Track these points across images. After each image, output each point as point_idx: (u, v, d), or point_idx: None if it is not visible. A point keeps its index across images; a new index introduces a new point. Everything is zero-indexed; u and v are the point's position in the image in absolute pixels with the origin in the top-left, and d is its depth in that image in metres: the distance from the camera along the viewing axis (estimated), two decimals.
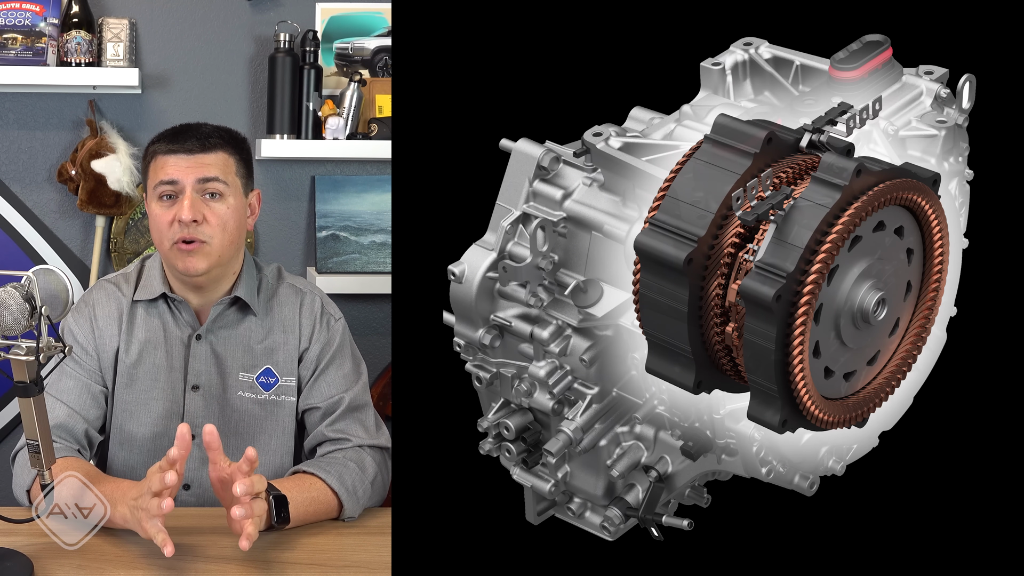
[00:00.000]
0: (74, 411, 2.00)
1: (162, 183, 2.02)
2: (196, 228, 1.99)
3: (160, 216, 2.02)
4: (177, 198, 2.01)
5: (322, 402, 2.05)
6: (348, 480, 1.93)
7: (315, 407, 2.06)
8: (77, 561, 1.73)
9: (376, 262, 2.94)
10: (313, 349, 2.07)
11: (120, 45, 2.80)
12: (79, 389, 2.02)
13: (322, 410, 2.05)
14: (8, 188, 2.89)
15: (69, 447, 1.97)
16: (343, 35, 2.94)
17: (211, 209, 2.01)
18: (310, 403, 2.06)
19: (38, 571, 1.69)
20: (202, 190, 2.01)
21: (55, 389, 2.00)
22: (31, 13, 2.78)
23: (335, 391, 2.06)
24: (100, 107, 2.87)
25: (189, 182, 2.00)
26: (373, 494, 1.98)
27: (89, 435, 2.02)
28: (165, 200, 2.02)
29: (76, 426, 2.00)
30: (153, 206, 2.04)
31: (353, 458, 1.98)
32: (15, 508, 1.80)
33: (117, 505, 1.78)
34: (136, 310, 2.07)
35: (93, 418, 2.03)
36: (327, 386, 2.06)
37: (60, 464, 1.86)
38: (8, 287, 1.58)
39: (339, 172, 2.97)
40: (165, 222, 2.01)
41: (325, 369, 2.07)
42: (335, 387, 2.06)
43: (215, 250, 2.01)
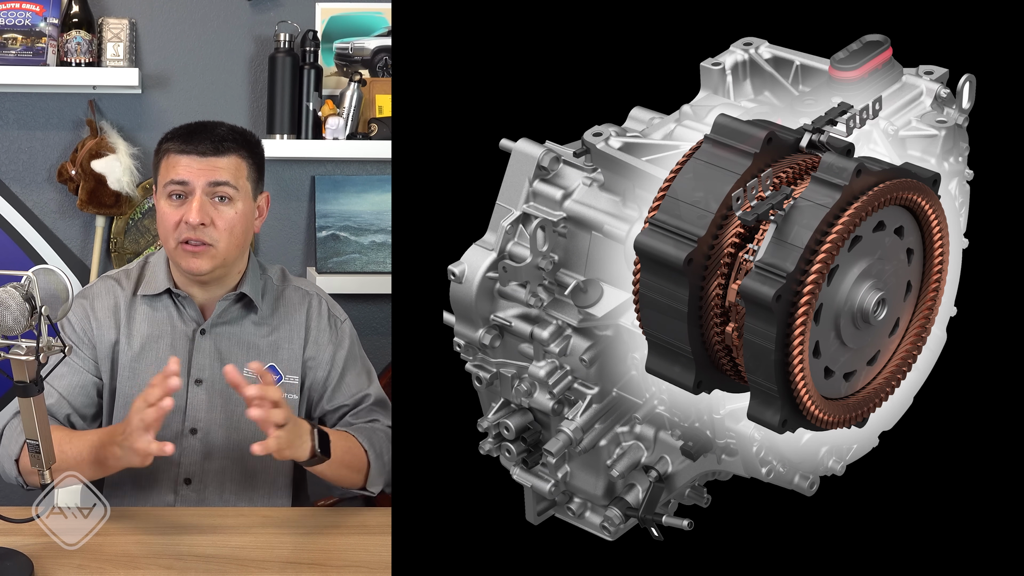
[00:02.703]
0: (62, 396, 2.04)
1: (172, 182, 2.02)
2: (203, 231, 2.00)
3: (168, 215, 2.03)
4: (186, 198, 2.01)
5: (348, 399, 2.12)
6: (377, 444, 2.01)
7: (341, 405, 2.12)
8: (77, 561, 1.73)
9: (376, 262, 2.94)
10: (326, 352, 2.11)
11: (120, 45, 2.80)
12: (70, 375, 2.05)
13: (349, 406, 2.12)
14: (8, 188, 2.89)
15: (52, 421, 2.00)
16: (343, 35, 2.94)
17: (219, 212, 2.02)
18: (336, 403, 2.12)
19: (38, 571, 1.69)
20: (212, 193, 2.02)
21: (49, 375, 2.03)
22: (31, 13, 2.78)
23: (359, 388, 2.13)
24: (100, 107, 2.87)
25: (199, 184, 2.01)
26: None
27: (71, 420, 2.05)
28: (174, 199, 2.03)
29: (60, 411, 2.04)
30: (162, 203, 2.04)
31: (381, 429, 2.06)
32: (15, 508, 1.80)
33: (107, 447, 1.85)
34: (138, 305, 2.09)
35: (80, 404, 2.06)
36: (350, 385, 2.12)
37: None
38: (8, 287, 1.58)
39: (339, 172, 2.97)
40: (172, 221, 2.02)
41: (345, 371, 2.12)
42: (358, 385, 2.13)
43: (220, 253, 2.02)
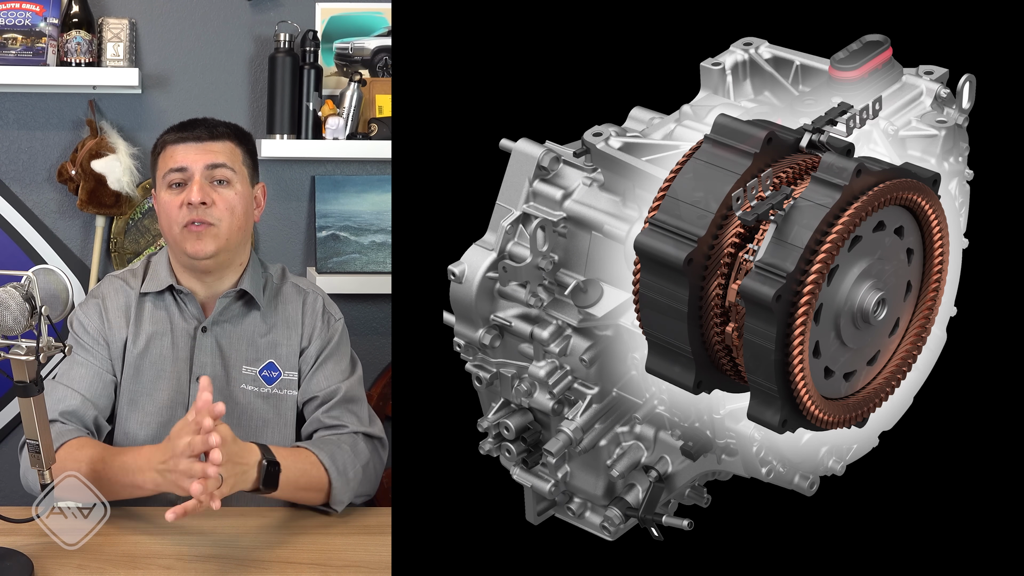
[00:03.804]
0: (86, 399, 2.04)
1: (171, 171, 2.07)
2: (205, 210, 2.04)
3: (169, 202, 2.06)
4: (186, 185, 2.06)
5: (320, 392, 2.10)
6: (340, 460, 1.97)
7: (313, 397, 2.10)
8: (77, 561, 1.73)
9: (376, 262, 2.94)
10: (314, 346, 2.12)
11: (120, 45, 2.80)
12: (91, 377, 2.06)
13: (319, 399, 2.10)
14: (8, 188, 2.89)
15: (81, 430, 2.00)
16: (343, 35, 2.94)
17: (219, 194, 2.06)
18: (308, 394, 2.11)
19: (38, 571, 1.69)
20: (210, 176, 2.06)
21: (67, 379, 2.05)
22: (31, 13, 2.78)
23: (332, 382, 2.10)
24: (100, 107, 2.87)
25: (198, 168, 2.06)
26: (365, 479, 2.02)
27: (98, 423, 2.06)
28: (174, 188, 2.07)
29: (87, 413, 2.03)
30: (162, 195, 2.08)
31: (347, 441, 2.03)
32: (15, 508, 1.80)
33: (144, 471, 1.83)
34: (144, 303, 2.11)
35: (103, 406, 2.07)
36: (324, 378, 2.11)
37: (75, 444, 1.93)
38: (8, 287, 1.58)
39: (339, 172, 2.97)
40: (174, 206, 2.05)
41: (324, 363, 2.12)
42: (332, 379, 2.11)
43: (223, 232, 2.05)
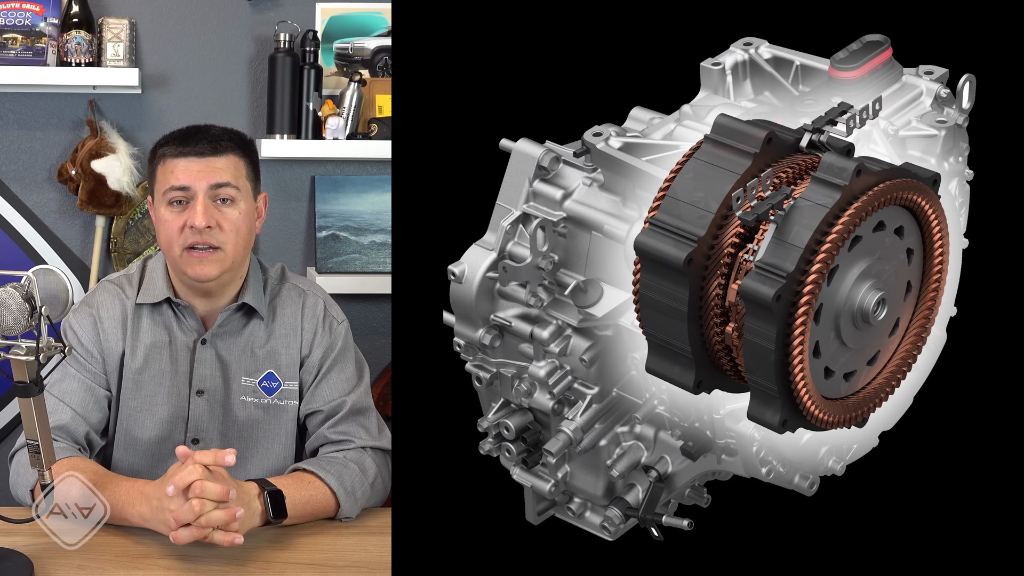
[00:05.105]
0: (77, 414, 1.99)
1: (173, 188, 1.98)
2: (209, 234, 1.97)
3: (170, 222, 1.99)
4: (188, 204, 1.98)
5: (324, 406, 2.04)
6: (347, 480, 1.92)
7: (317, 411, 2.04)
8: (77, 561, 1.73)
9: (376, 262, 2.94)
10: (315, 354, 2.06)
11: (120, 45, 2.80)
12: (82, 392, 2.01)
13: (324, 413, 2.04)
14: (8, 188, 2.89)
15: (72, 447, 1.96)
16: (343, 35, 2.94)
17: (224, 215, 1.99)
18: (312, 407, 2.05)
19: (38, 571, 1.69)
20: (214, 196, 1.98)
21: (58, 391, 1.99)
22: (31, 13, 2.78)
23: (337, 395, 2.05)
24: (100, 107, 2.87)
25: (201, 188, 1.98)
26: (372, 495, 1.97)
27: (90, 438, 2.01)
28: (175, 205, 1.99)
29: (78, 429, 1.98)
30: (162, 211, 2.00)
31: (354, 459, 1.97)
32: (15, 508, 1.80)
33: (136, 504, 1.79)
34: (140, 313, 2.05)
35: (95, 421, 2.02)
36: (329, 390, 2.05)
37: (68, 463, 1.87)
38: (8, 287, 1.58)
39: (339, 172, 2.97)
40: (175, 228, 1.98)
41: (327, 373, 2.06)
42: (337, 391, 2.05)
43: (228, 256, 1.99)
